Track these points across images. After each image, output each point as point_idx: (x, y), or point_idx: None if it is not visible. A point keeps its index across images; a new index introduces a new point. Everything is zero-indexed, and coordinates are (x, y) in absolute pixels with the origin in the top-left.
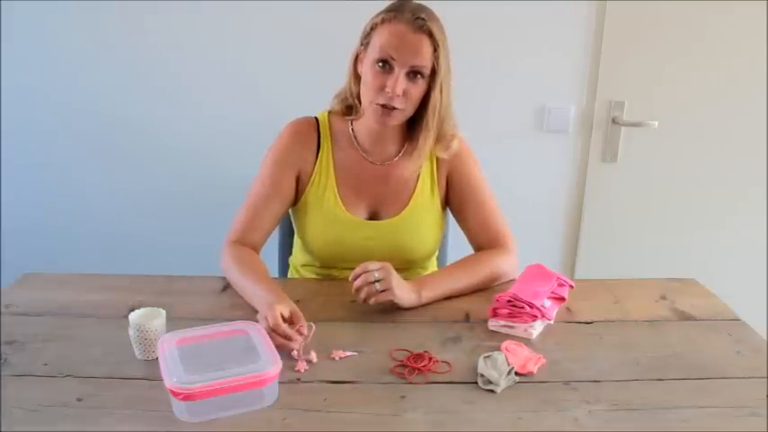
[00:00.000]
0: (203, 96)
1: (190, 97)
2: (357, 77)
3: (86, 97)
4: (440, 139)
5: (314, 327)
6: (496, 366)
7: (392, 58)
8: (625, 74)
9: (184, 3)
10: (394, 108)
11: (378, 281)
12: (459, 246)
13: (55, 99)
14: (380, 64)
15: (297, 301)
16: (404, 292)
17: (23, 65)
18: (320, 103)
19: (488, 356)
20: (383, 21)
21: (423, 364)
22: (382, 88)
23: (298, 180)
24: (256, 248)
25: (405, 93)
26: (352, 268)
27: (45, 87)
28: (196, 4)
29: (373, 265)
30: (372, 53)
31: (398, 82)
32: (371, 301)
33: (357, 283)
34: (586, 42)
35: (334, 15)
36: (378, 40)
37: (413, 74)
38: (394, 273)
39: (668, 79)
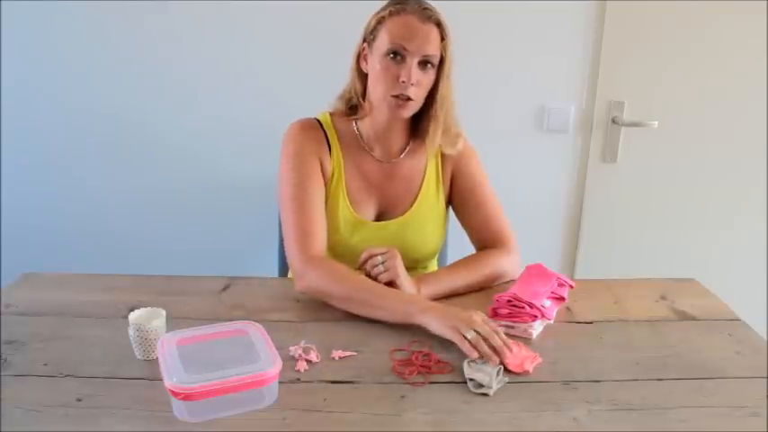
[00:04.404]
0: (204, 96)
1: (190, 97)
2: (360, 75)
3: (87, 97)
4: (445, 132)
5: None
6: (483, 369)
7: (404, 49)
8: (625, 74)
9: (185, 3)
10: (408, 99)
11: (382, 263)
12: (460, 246)
13: (55, 99)
14: (392, 55)
15: (297, 301)
16: (405, 278)
17: (24, 64)
18: (321, 103)
19: (473, 360)
20: (390, 14)
21: (425, 362)
22: (396, 79)
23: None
24: (325, 250)
25: (417, 83)
26: (355, 269)
27: (46, 87)
28: (196, 4)
29: (378, 250)
30: (382, 46)
31: (412, 71)
32: (380, 280)
33: (366, 268)
34: (586, 42)
35: (334, 16)
36: (387, 32)
37: (423, 63)
38: (398, 257)
39: (668, 79)
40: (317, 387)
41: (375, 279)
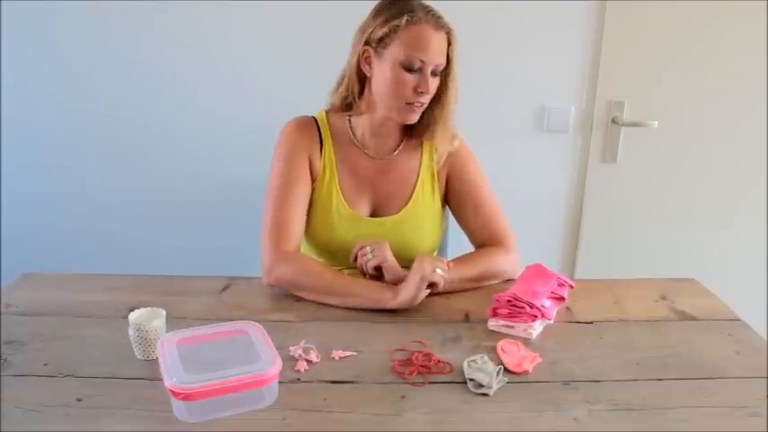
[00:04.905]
0: (204, 96)
1: (190, 97)
2: (360, 77)
3: (87, 97)
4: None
5: None
6: (483, 369)
7: (421, 61)
8: (625, 74)
9: (185, 3)
10: (421, 105)
11: (371, 251)
12: (459, 245)
13: (55, 99)
14: (409, 66)
15: (297, 301)
16: (393, 263)
17: (24, 64)
18: (320, 103)
19: (473, 360)
20: (406, 23)
21: (425, 362)
22: (413, 89)
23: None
24: (299, 248)
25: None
26: (354, 267)
27: (46, 87)
28: (196, 4)
29: (369, 242)
30: (397, 55)
31: (431, 81)
32: (368, 266)
33: (358, 263)
34: (586, 42)
35: (334, 16)
36: (402, 43)
37: (434, 71)
38: (387, 246)
39: (668, 79)
40: (317, 387)
41: (366, 270)
